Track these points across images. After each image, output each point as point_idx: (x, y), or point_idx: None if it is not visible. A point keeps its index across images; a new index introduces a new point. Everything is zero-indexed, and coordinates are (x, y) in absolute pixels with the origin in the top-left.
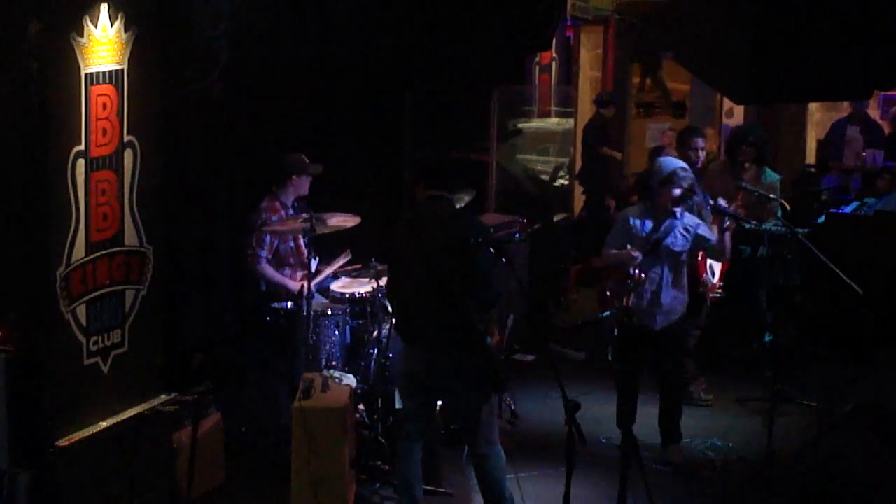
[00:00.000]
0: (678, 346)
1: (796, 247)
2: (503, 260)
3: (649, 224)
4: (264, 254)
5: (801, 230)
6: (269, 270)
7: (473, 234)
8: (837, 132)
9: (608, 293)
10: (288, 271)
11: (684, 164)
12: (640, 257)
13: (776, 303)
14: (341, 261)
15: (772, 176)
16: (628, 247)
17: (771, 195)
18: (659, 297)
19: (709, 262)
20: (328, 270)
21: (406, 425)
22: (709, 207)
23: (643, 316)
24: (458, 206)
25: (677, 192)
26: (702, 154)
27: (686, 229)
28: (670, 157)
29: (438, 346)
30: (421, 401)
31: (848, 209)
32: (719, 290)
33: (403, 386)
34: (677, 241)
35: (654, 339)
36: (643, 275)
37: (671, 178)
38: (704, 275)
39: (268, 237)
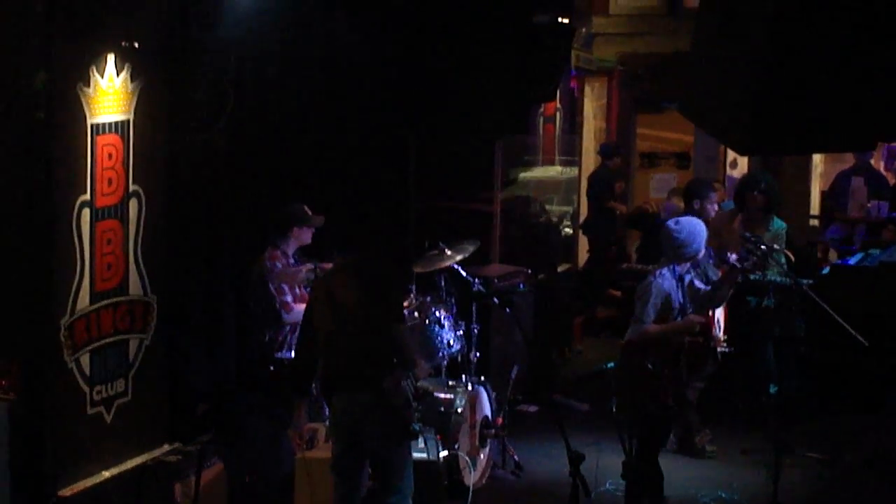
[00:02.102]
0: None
1: (801, 298)
2: (507, 310)
3: (676, 285)
4: (289, 298)
5: (805, 281)
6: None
7: (386, 285)
8: (842, 183)
9: (650, 367)
10: None
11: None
12: (701, 318)
13: (781, 354)
14: None
15: (778, 224)
16: (688, 313)
17: (775, 245)
18: None
19: (716, 316)
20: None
21: (333, 471)
22: (712, 260)
23: None
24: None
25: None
26: (715, 207)
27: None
28: (692, 220)
29: (353, 390)
30: (344, 446)
31: (852, 260)
32: (724, 344)
33: (332, 432)
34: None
35: None
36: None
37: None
38: (715, 330)
39: (283, 284)
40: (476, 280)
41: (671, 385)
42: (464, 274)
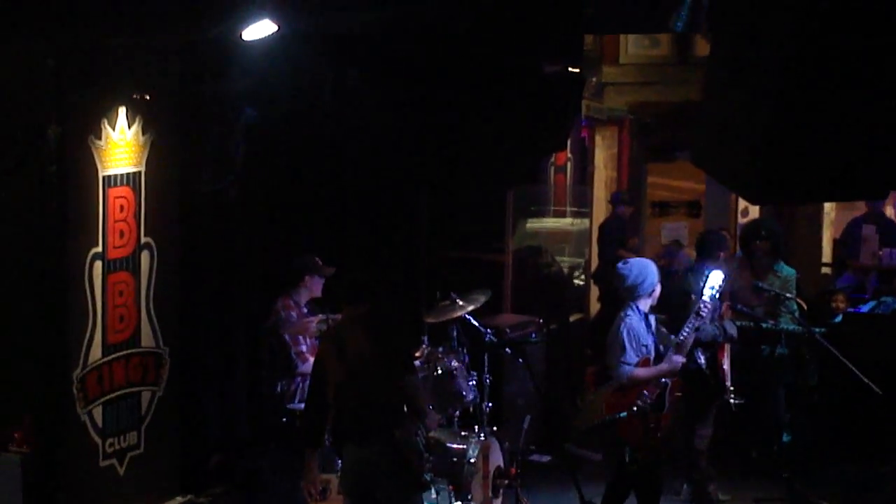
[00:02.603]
0: None
1: (814, 346)
2: (520, 360)
3: (644, 326)
4: (304, 348)
5: (818, 329)
6: None
7: (396, 336)
8: (853, 231)
9: (635, 410)
10: None
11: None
12: (681, 359)
13: (794, 402)
14: None
15: (787, 270)
16: (671, 356)
17: (787, 294)
18: None
19: (725, 367)
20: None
21: None
22: (719, 307)
23: None
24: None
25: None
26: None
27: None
28: (641, 260)
29: (364, 442)
30: (356, 498)
31: (865, 308)
32: (733, 395)
33: (342, 484)
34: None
35: None
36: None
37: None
38: (725, 380)
39: (299, 336)
40: (488, 330)
41: (656, 429)
42: (476, 324)
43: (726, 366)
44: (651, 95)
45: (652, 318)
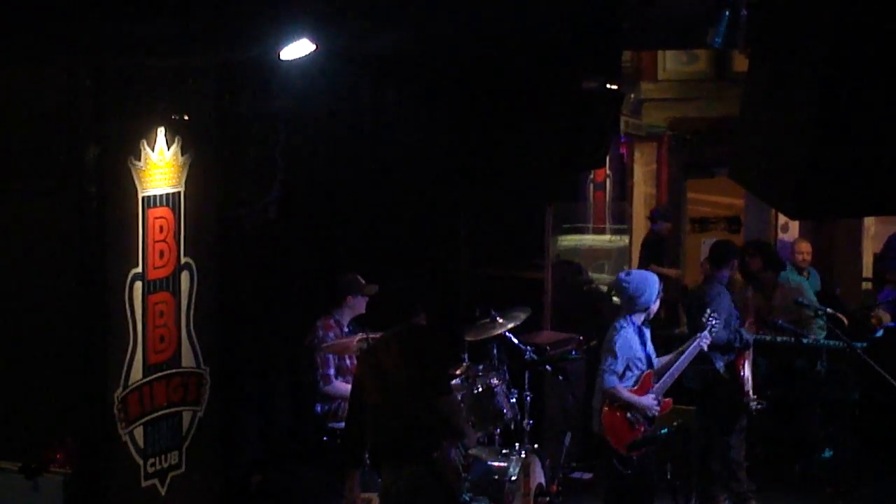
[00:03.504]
0: None
1: (854, 361)
2: (560, 377)
3: (638, 339)
4: (332, 371)
5: (859, 344)
6: (342, 385)
7: (432, 356)
8: (894, 245)
9: (629, 417)
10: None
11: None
12: (657, 407)
13: (835, 417)
14: None
15: (795, 278)
16: (652, 398)
17: (799, 299)
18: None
19: (745, 373)
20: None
21: None
22: (737, 321)
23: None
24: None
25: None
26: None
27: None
28: (646, 274)
29: (401, 463)
30: None
31: None
32: (755, 400)
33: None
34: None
35: None
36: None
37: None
38: (746, 386)
39: (330, 356)
40: (528, 347)
41: (646, 441)
42: (516, 341)
43: (747, 372)
44: (689, 111)
45: (647, 332)
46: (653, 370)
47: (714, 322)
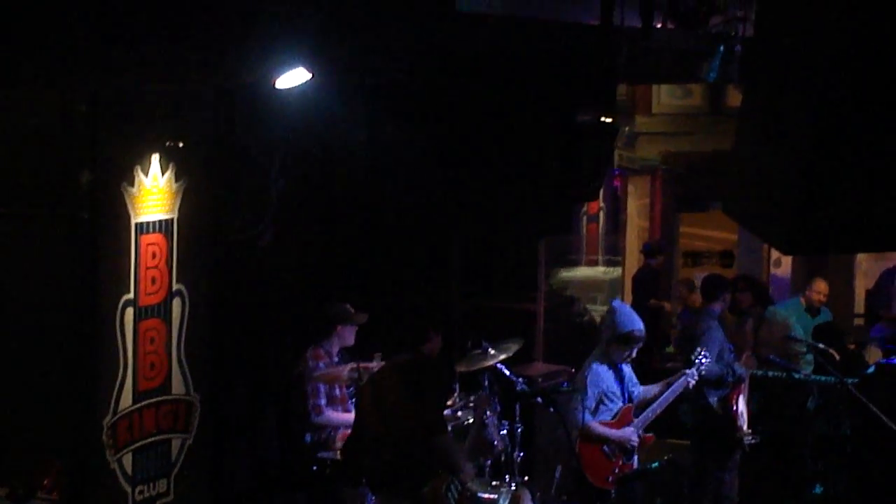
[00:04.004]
0: None
1: (846, 397)
2: (552, 409)
3: (612, 374)
4: (323, 401)
5: (850, 380)
6: (334, 415)
7: (430, 391)
8: (886, 282)
9: (605, 451)
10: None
11: (640, 326)
12: (636, 438)
13: (826, 453)
14: None
15: (781, 315)
16: (631, 429)
17: (791, 334)
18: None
19: (740, 409)
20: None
21: None
22: (732, 355)
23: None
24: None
25: (630, 355)
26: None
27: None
28: (629, 311)
29: (393, 494)
30: None
31: None
32: (749, 435)
33: None
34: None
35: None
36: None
37: (627, 339)
38: (739, 421)
39: (321, 385)
40: (520, 379)
41: (622, 473)
42: (507, 373)
43: (741, 406)
44: (683, 145)
45: (626, 368)
46: (632, 404)
47: (703, 359)
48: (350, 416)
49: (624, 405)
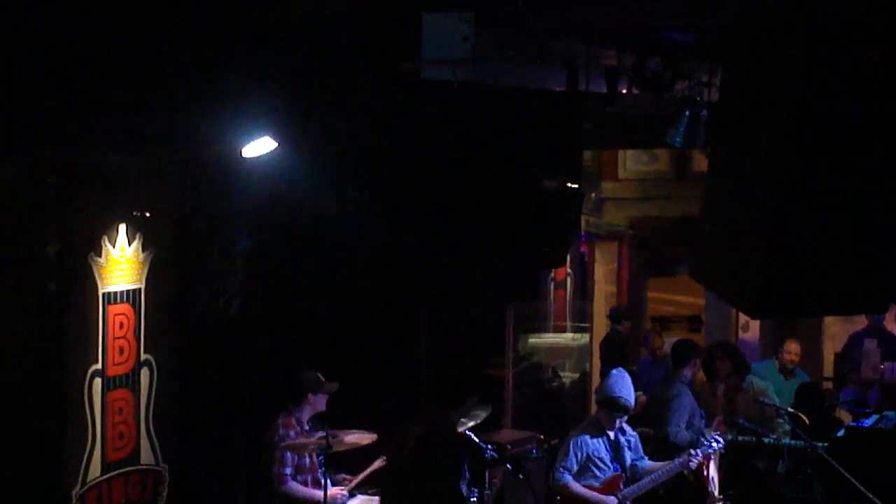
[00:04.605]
0: None
1: (817, 461)
2: (521, 476)
3: (602, 441)
4: (289, 471)
5: (820, 444)
6: (298, 487)
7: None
8: (854, 345)
9: None
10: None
11: (627, 395)
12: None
13: None
14: (376, 465)
15: (759, 383)
16: (612, 498)
17: (788, 409)
18: None
19: (711, 474)
20: (361, 476)
21: None
22: (703, 420)
23: None
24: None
25: (616, 423)
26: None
27: (628, 441)
28: (622, 379)
29: None
30: None
31: (867, 422)
32: (720, 499)
33: None
34: (628, 457)
35: None
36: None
37: (610, 404)
38: (710, 486)
39: (287, 454)
40: (489, 446)
41: None
42: (476, 440)
43: (713, 472)
44: (650, 210)
45: (627, 440)
46: (624, 474)
47: (714, 443)
48: (317, 494)
49: (614, 473)
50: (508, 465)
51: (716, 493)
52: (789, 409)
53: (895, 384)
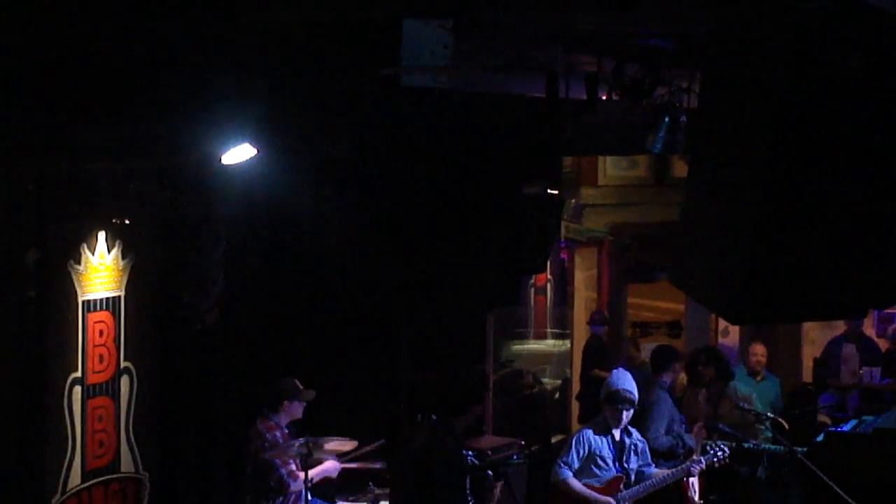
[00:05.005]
0: None
1: (796, 466)
2: (502, 482)
3: (606, 441)
4: (294, 465)
5: (800, 449)
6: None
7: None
8: (834, 350)
9: None
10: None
11: (629, 387)
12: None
13: None
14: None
15: (743, 390)
16: (610, 499)
17: (769, 414)
18: None
19: (691, 480)
20: (327, 464)
21: None
22: (683, 426)
23: None
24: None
25: (620, 418)
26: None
27: (635, 445)
28: (624, 374)
29: None
30: None
31: (846, 427)
32: None
33: None
34: (633, 461)
35: None
36: None
37: (614, 397)
38: (690, 492)
39: (276, 460)
40: (469, 453)
41: None
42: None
43: (693, 478)
44: (630, 216)
45: (633, 443)
46: (624, 476)
47: (719, 452)
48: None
49: (616, 474)
50: (489, 472)
51: (696, 498)
52: (769, 415)
53: (874, 389)
